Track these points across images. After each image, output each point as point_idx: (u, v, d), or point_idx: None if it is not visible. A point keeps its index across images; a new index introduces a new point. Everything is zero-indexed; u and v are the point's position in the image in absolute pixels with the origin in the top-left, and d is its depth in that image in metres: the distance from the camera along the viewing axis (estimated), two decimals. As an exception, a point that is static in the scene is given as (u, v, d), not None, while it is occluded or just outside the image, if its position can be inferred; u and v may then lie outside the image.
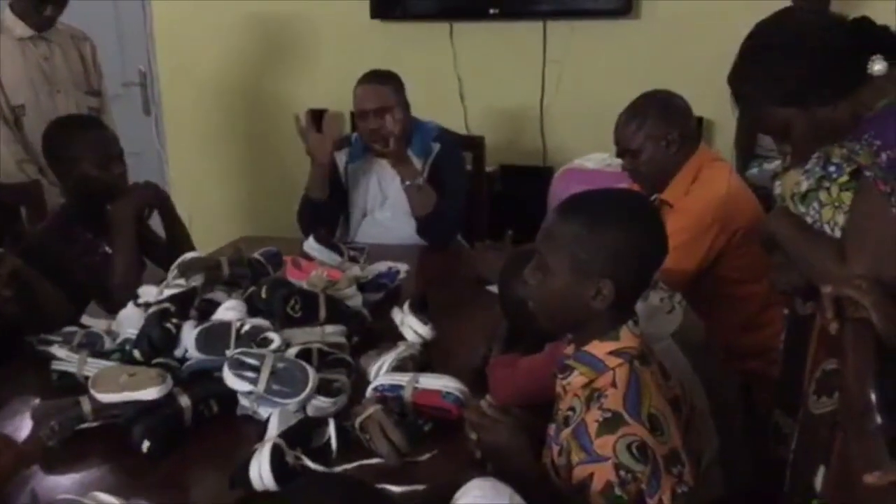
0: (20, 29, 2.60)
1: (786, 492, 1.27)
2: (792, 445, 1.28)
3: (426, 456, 1.32)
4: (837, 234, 1.37)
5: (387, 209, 2.60)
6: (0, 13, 2.64)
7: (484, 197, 2.96)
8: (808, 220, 1.43)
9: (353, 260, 2.15)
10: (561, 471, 1.16)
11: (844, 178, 1.35)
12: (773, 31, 1.41)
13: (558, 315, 1.20)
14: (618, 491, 1.04)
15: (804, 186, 1.44)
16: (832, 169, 1.38)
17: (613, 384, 1.13)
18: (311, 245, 2.12)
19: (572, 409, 1.17)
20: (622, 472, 1.05)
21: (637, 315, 1.21)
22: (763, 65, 1.39)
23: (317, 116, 3.75)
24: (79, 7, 2.68)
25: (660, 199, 2.00)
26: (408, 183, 2.44)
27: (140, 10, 3.97)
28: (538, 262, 1.19)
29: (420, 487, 1.21)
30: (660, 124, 1.97)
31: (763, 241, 1.56)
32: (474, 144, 2.94)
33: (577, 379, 1.17)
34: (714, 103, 2.83)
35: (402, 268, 2.09)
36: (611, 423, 1.08)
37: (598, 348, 1.16)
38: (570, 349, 1.22)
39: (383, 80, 2.49)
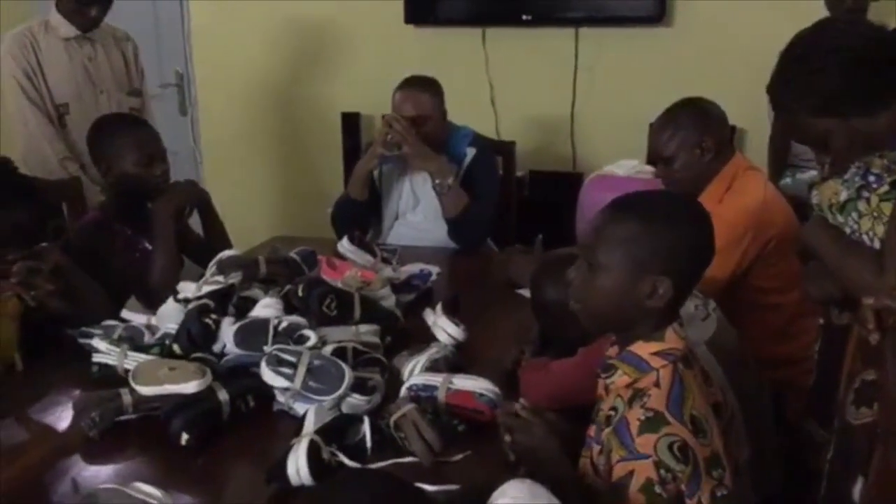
0: (65, 29, 2.65)
1: (821, 502, 1.26)
2: (828, 455, 1.27)
3: (459, 456, 1.33)
4: (876, 244, 1.36)
5: (419, 212, 2.62)
6: (47, 13, 2.71)
7: (513, 202, 2.97)
8: (847, 230, 1.42)
9: (386, 261, 2.17)
10: (601, 470, 1.17)
11: (884, 189, 1.34)
12: (812, 41, 1.41)
13: (607, 314, 1.20)
14: (657, 489, 1.05)
15: (843, 196, 1.43)
16: (872, 179, 1.37)
17: (657, 384, 1.13)
18: (344, 246, 2.15)
19: (614, 408, 1.17)
20: (662, 471, 1.05)
21: (681, 317, 1.21)
22: (802, 75, 1.39)
23: (350, 120, 3.81)
24: (118, 8, 2.72)
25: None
26: (438, 181, 2.46)
27: (178, 12, 4.04)
28: (587, 260, 1.19)
29: (454, 487, 1.22)
30: (694, 132, 1.96)
31: (799, 252, 1.56)
32: (505, 149, 2.96)
33: (620, 379, 1.18)
34: (747, 112, 2.84)
35: (434, 270, 2.11)
36: (653, 422, 1.09)
37: (643, 349, 1.17)
38: (613, 350, 1.23)
39: (423, 88, 2.51)
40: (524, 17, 3.48)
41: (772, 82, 1.45)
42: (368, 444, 1.34)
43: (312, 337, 1.56)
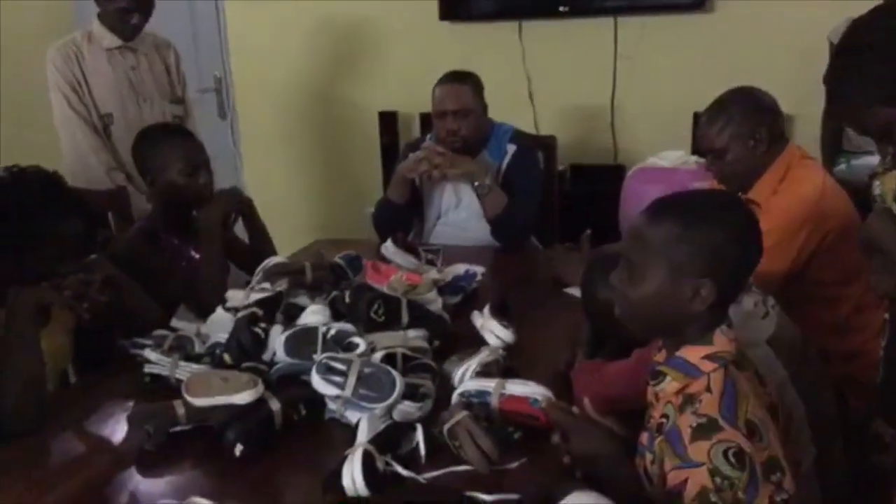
0: (108, 39, 2.68)
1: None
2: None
3: (516, 464, 1.30)
4: (946, 236, 1.30)
5: (461, 210, 2.60)
6: (90, 23, 2.73)
7: (555, 197, 2.93)
8: (913, 221, 1.36)
9: (430, 263, 2.16)
10: (654, 480, 1.14)
11: (954, 179, 1.29)
12: (872, 28, 1.34)
13: (651, 319, 1.17)
14: (713, 497, 1.02)
15: (909, 187, 1.37)
16: (940, 169, 1.31)
17: (708, 389, 1.10)
18: (388, 248, 2.14)
19: (665, 416, 1.14)
20: (718, 479, 1.02)
21: (730, 319, 1.17)
22: (863, 64, 1.33)
23: (387, 119, 3.80)
24: (156, 15, 2.74)
25: (746, 200, 1.94)
26: (476, 183, 2.44)
27: (215, 17, 4.07)
28: (627, 266, 1.17)
29: (513, 497, 1.20)
30: (746, 122, 1.91)
31: (862, 246, 1.50)
32: (546, 144, 2.92)
33: (669, 385, 1.15)
34: (793, 98, 2.75)
35: (479, 270, 2.09)
36: (705, 429, 1.06)
37: (691, 353, 1.14)
38: (661, 355, 1.20)
39: (463, 81, 2.50)
40: (561, 8, 3.43)
41: (829, 72, 1.39)
42: (422, 452, 1.33)
43: (362, 344, 1.55)
